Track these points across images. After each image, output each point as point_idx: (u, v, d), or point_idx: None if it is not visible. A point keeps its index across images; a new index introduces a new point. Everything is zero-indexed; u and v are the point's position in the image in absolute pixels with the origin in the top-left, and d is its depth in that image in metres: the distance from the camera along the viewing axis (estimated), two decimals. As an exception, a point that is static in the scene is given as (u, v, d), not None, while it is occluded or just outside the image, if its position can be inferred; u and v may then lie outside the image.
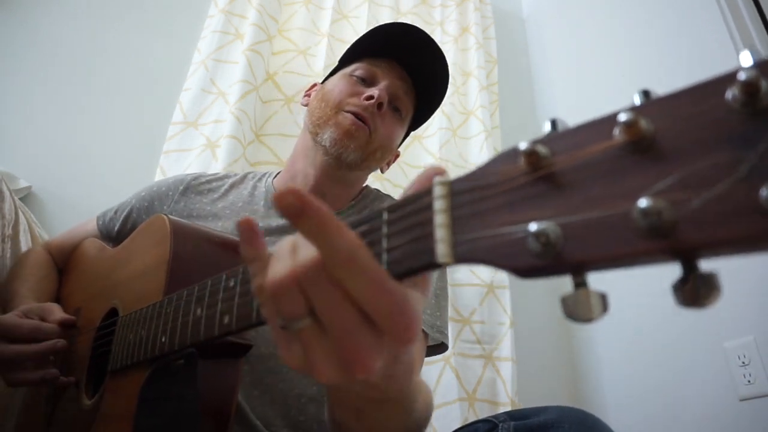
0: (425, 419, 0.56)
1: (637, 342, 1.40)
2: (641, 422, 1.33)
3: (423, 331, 0.74)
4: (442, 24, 1.93)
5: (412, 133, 1.71)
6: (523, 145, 0.26)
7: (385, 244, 0.31)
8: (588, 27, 1.85)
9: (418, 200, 0.30)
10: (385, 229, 0.31)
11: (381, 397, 0.39)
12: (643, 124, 0.22)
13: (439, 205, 0.29)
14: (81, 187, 1.34)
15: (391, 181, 1.58)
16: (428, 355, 0.80)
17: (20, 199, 1.20)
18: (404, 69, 0.90)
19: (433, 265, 0.28)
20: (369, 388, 0.36)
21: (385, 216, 0.32)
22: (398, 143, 0.94)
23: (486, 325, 1.47)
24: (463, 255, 0.27)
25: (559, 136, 0.26)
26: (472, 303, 1.49)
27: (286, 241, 0.33)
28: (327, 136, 0.83)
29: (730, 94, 0.21)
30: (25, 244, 1.01)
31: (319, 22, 1.74)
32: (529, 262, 0.24)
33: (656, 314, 1.34)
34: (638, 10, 1.59)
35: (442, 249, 0.28)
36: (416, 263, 0.29)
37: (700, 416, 1.18)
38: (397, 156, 1.01)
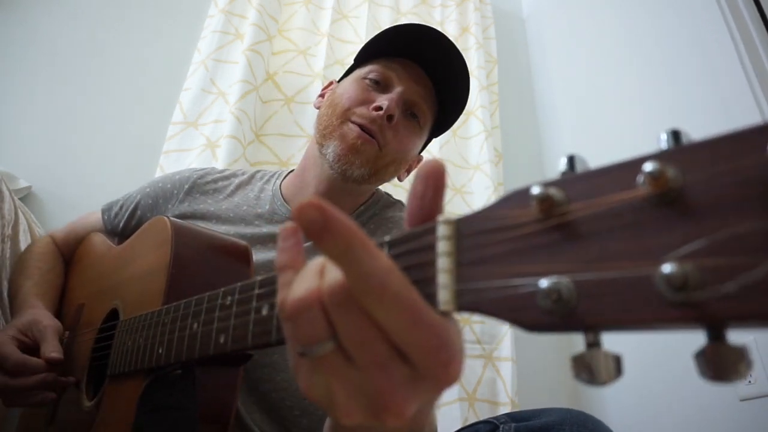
0: None
1: (637, 342, 1.40)
2: (641, 422, 1.33)
3: None
4: (442, 24, 1.93)
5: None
6: (536, 189, 0.24)
7: None
8: (588, 27, 1.85)
9: (421, 238, 0.28)
10: None
11: None
12: (671, 174, 0.20)
13: (442, 247, 0.26)
14: (81, 187, 1.34)
15: (392, 182, 1.58)
16: None
17: (20, 199, 1.21)
18: (423, 70, 0.84)
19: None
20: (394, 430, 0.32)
21: (386, 251, 0.30)
22: (416, 152, 0.88)
23: (486, 325, 1.47)
24: (467, 305, 0.25)
25: (575, 179, 0.23)
26: (472, 303, 1.49)
27: (316, 261, 0.30)
28: (331, 150, 0.78)
29: None
30: (24, 244, 1.01)
31: (319, 22, 1.74)
32: (538, 319, 0.23)
33: (656, 314, 1.34)
34: (638, 10, 1.59)
35: (444, 296, 0.26)
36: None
37: (700, 416, 1.18)
38: (419, 160, 0.94)
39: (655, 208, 0.20)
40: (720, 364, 0.19)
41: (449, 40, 0.83)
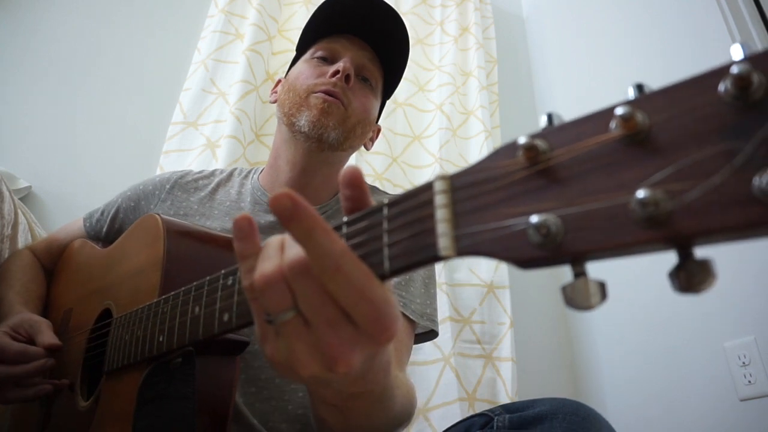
0: (407, 414, 0.57)
1: (638, 342, 1.40)
2: (641, 422, 1.33)
3: (410, 319, 0.75)
4: (442, 24, 1.93)
5: (412, 133, 1.72)
6: (521, 140, 0.26)
7: (386, 239, 0.31)
8: (588, 27, 1.85)
9: (419, 195, 0.31)
10: (385, 225, 0.32)
11: (359, 392, 0.40)
12: (639, 117, 0.23)
13: (440, 200, 0.29)
14: (81, 187, 1.35)
15: (391, 181, 1.58)
16: (419, 342, 0.81)
17: (20, 199, 1.21)
18: (362, 39, 0.88)
19: (436, 258, 0.29)
20: (347, 385, 0.37)
21: (386, 211, 0.32)
22: (375, 115, 0.92)
23: (486, 325, 1.47)
24: (465, 248, 0.28)
25: (556, 130, 0.26)
26: (472, 303, 1.49)
27: (275, 239, 0.34)
28: (304, 120, 0.81)
29: (723, 87, 0.21)
30: (24, 243, 1.01)
31: (319, 22, 1.74)
32: (531, 253, 0.25)
33: (656, 315, 1.34)
34: (638, 10, 1.59)
35: (444, 243, 0.28)
36: (418, 258, 0.30)
37: (700, 416, 1.18)
38: (379, 131, 0.99)
39: (628, 148, 0.23)
40: (689, 278, 0.21)
41: (379, 2, 0.87)
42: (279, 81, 0.97)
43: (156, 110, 1.50)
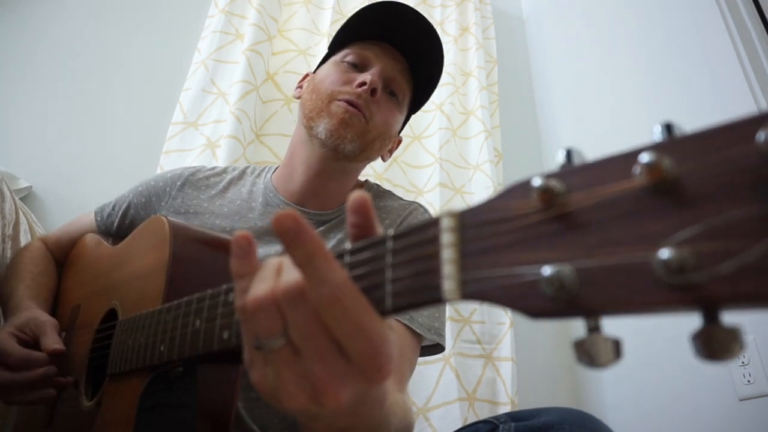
0: None
1: (637, 342, 1.40)
2: (641, 422, 1.33)
3: (416, 333, 0.73)
4: (442, 24, 1.93)
5: (412, 133, 1.72)
6: (536, 181, 0.25)
7: (389, 274, 0.30)
8: (587, 27, 1.85)
9: (425, 231, 0.29)
10: (389, 259, 0.30)
11: (351, 425, 0.37)
12: (666, 165, 0.21)
13: (446, 239, 0.28)
14: (81, 187, 1.34)
15: (391, 181, 1.58)
16: (425, 354, 0.80)
17: (20, 199, 1.21)
18: (397, 49, 0.86)
19: (439, 301, 0.27)
20: (337, 419, 0.35)
21: (390, 244, 0.31)
22: (398, 129, 0.90)
23: (486, 325, 1.47)
24: (471, 294, 0.26)
25: (574, 171, 0.25)
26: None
27: (273, 261, 0.33)
28: (322, 127, 0.80)
29: (763, 136, 0.19)
30: (25, 244, 1.01)
31: (319, 22, 1.74)
32: (542, 305, 0.23)
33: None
34: (638, 10, 1.59)
35: (448, 286, 0.27)
36: (420, 298, 0.28)
37: (699, 415, 1.18)
38: (399, 142, 0.97)
39: (652, 197, 0.21)
40: (714, 345, 0.20)
41: (420, 16, 0.85)
42: (306, 75, 0.95)
43: (156, 110, 1.50)
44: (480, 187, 1.63)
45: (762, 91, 1.13)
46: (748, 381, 1.09)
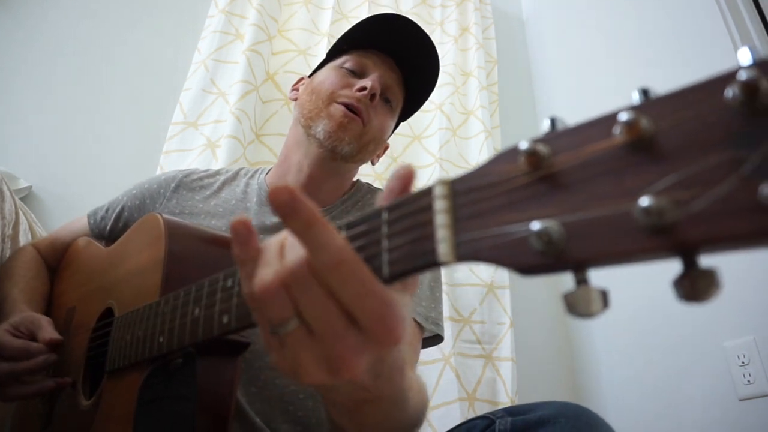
0: (421, 415, 0.56)
1: (637, 342, 1.40)
2: (641, 422, 1.33)
3: (419, 324, 0.74)
4: (442, 24, 1.93)
5: (412, 133, 1.72)
6: (523, 145, 0.26)
7: (385, 244, 0.31)
8: (587, 27, 1.85)
9: (418, 200, 0.30)
10: (385, 229, 0.31)
11: (370, 396, 0.39)
12: (644, 123, 0.22)
13: (439, 205, 0.29)
14: (81, 187, 1.34)
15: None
16: (424, 346, 0.80)
17: (20, 199, 1.21)
18: (394, 60, 0.89)
19: (435, 264, 0.28)
20: (357, 389, 0.37)
21: (385, 216, 0.32)
22: (389, 134, 0.94)
23: (486, 325, 1.47)
24: (465, 254, 0.27)
25: (559, 135, 0.26)
26: (472, 303, 1.49)
27: (274, 243, 0.33)
28: (320, 128, 0.82)
29: (730, 92, 0.21)
30: (25, 244, 1.01)
31: (319, 22, 1.74)
32: (532, 260, 0.25)
33: (656, 315, 1.34)
34: (638, 10, 1.60)
35: (443, 249, 0.28)
36: (418, 263, 0.29)
37: (700, 416, 1.18)
38: (386, 148, 1.00)
39: (631, 154, 0.23)
40: (694, 287, 0.21)
41: (420, 31, 0.88)
42: (301, 78, 0.98)
43: (156, 110, 1.50)
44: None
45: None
46: (748, 381, 1.09)
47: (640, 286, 1.33)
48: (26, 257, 0.92)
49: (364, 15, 1.76)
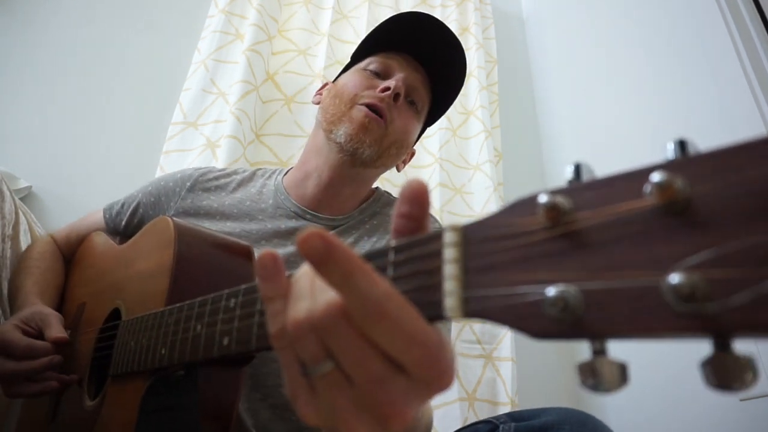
0: (428, 429, 0.55)
1: (637, 342, 1.40)
2: (641, 422, 1.33)
3: None
4: (442, 24, 1.93)
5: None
6: (543, 198, 0.24)
7: None
8: (588, 27, 1.85)
9: (427, 244, 0.28)
10: (390, 271, 0.29)
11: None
12: (679, 185, 0.20)
13: (449, 254, 0.27)
14: (81, 187, 1.34)
15: (391, 182, 1.58)
16: None
17: (20, 199, 1.21)
18: (419, 61, 0.87)
19: (440, 317, 0.27)
20: None
21: (392, 256, 0.30)
22: (414, 139, 0.91)
23: (486, 325, 1.47)
24: (473, 312, 0.25)
25: (582, 188, 0.24)
26: (472, 303, 1.49)
27: (304, 277, 0.30)
28: (342, 132, 0.80)
29: None
30: (25, 244, 1.01)
31: (319, 22, 1.74)
32: (545, 327, 0.23)
33: (656, 314, 1.34)
34: (638, 10, 1.59)
35: (450, 303, 0.26)
36: (422, 314, 0.27)
37: (699, 415, 1.18)
38: (413, 154, 0.97)
39: (663, 219, 0.20)
40: (726, 373, 0.19)
41: (445, 29, 0.86)
42: (326, 84, 0.96)
43: (156, 110, 1.50)
44: (480, 187, 1.63)
45: (762, 90, 1.13)
46: (749, 381, 1.09)
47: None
48: (43, 248, 0.93)
49: (364, 15, 1.76)
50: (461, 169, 1.68)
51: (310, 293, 0.28)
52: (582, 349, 1.60)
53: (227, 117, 1.43)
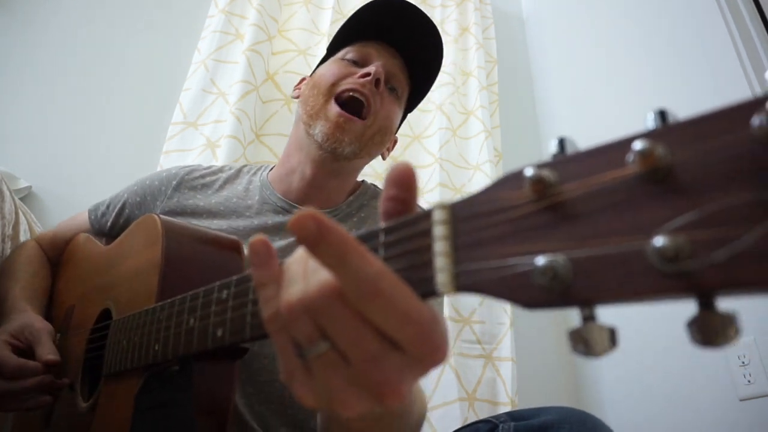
0: (422, 420, 0.56)
1: (637, 342, 1.40)
2: (641, 422, 1.33)
3: None
4: (442, 24, 1.93)
5: (412, 133, 1.72)
6: (528, 171, 0.24)
7: None
8: (587, 27, 1.85)
9: (417, 224, 0.29)
10: (381, 252, 0.30)
11: (386, 413, 0.37)
12: (660, 152, 0.21)
13: (439, 231, 0.27)
14: (81, 187, 1.34)
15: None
16: None
17: (20, 199, 1.21)
18: (396, 48, 0.87)
19: (432, 294, 0.27)
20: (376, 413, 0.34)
21: (382, 238, 0.30)
22: (397, 125, 0.91)
23: (486, 325, 1.47)
24: (465, 286, 0.26)
25: (567, 160, 0.24)
26: (472, 303, 1.49)
27: (296, 261, 0.30)
28: (318, 130, 0.80)
29: (757, 121, 0.19)
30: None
31: (319, 22, 1.74)
32: (536, 296, 0.23)
33: (656, 314, 1.34)
34: (638, 10, 1.59)
35: (442, 279, 0.26)
36: (414, 292, 0.27)
37: (699, 416, 1.18)
38: (395, 141, 0.97)
39: (646, 185, 0.21)
40: (710, 330, 0.19)
41: (420, 13, 0.86)
42: (303, 79, 0.96)
43: (156, 110, 1.50)
44: (480, 187, 1.63)
45: (762, 90, 1.13)
46: (749, 381, 1.09)
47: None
48: (28, 252, 0.92)
49: (364, 15, 1.76)
50: (461, 169, 1.68)
51: (303, 276, 0.29)
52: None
53: (227, 117, 1.43)
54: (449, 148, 1.68)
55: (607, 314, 0.23)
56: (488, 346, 1.45)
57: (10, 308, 0.78)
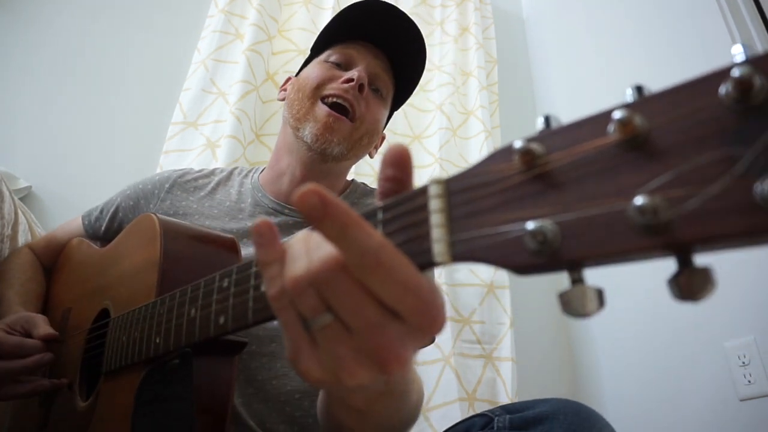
0: (419, 408, 0.57)
1: (637, 342, 1.40)
2: (641, 422, 1.33)
3: None
4: (442, 24, 1.93)
5: (412, 133, 1.72)
6: (517, 144, 0.26)
7: None
8: (588, 27, 1.85)
9: (413, 200, 0.30)
10: (380, 229, 0.31)
11: (387, 390, 0.38)
12: (638, 121, 0.22)
13: (434, 204, 0.29)
14: (81, 187, 1.35)
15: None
16: None
17: (20, 199, 1.21)
18: (379, 48, 0.88)
19: (431, 264, 0.28)
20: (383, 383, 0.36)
21: (380, 215, 0.31)
22: (383, 126, 0.92)
23: (486, 325, 1.47)
24: (461, 254, 0.27)
25: (553, 133, 0.26)
26: (472, 303, 1.49)
27: (298, 241, 0.32)
28: (308, 131, 0.80)
29: (724, 90, 0.21)
30: (24, 244, 1.01)
31: (319, 22, 1.74)
32: (527, 260, 0.25)
33: (656, 314, 1.34)
34: (638, 10, 1.59)
35: (439, 249, 0.28)
36: (413, 263, 0.29)
37: (699, 416, 1.18)
38: (383, 139, 0.98)
39: (626, 152, 0.23)
40: (689, 285, 0.21)
41: (398, 12, 0.87)
42: (288, 78, 0.96)
43: (156, 110, 1.50)
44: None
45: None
46: (749, 381, 1.09)
47: (640, 286, 1.33)
48: (22, 259, 0.92)
49: (364, 15, 1.77)
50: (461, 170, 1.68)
51: (306, 253, 0.30)
52: (581, 347, 1.60)
53: (227, 117, 1.43)
54: (449, 148, 1.68)
55: (608, 315, 0.24)
56: (488, 346, 1.45)
57: (4, 311, 0.78)
